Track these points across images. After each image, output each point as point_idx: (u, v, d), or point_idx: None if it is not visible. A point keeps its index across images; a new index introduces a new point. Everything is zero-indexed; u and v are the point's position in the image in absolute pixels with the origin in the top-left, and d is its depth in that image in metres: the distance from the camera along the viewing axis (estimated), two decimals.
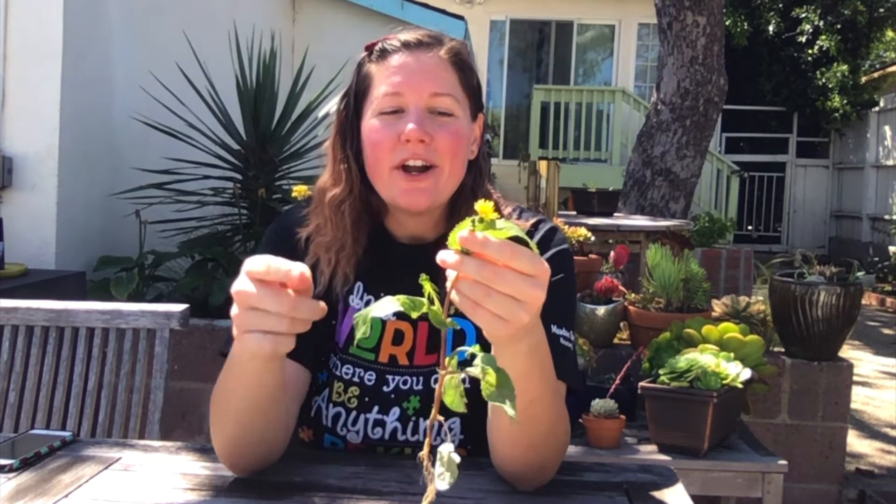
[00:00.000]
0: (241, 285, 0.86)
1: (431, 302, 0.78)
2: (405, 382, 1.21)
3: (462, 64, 1.21)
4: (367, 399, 1.20)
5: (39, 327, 1.62)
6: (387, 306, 0.78)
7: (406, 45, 1.19)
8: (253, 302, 0.85)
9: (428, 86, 1.16)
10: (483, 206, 0.76)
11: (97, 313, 1.61)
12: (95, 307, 1.63)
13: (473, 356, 0.76)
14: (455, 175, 1.19)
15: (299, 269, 0.85)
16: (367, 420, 1.20)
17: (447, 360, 0.75)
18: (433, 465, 0.75)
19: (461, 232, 0.75)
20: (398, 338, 1.22)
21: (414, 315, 0.75)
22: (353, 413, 1.20)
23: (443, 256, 0.76)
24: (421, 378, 1.21)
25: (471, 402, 0.77)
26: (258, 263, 0.85)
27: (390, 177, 1.16)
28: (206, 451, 1.16)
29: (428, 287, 0.79)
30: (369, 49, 1.22)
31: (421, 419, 1.20)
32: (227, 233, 3.68)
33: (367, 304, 1.23)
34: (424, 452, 0.76)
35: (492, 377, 0.73)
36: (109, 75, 3.74)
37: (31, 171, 3.28)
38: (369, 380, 1.21)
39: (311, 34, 6.45)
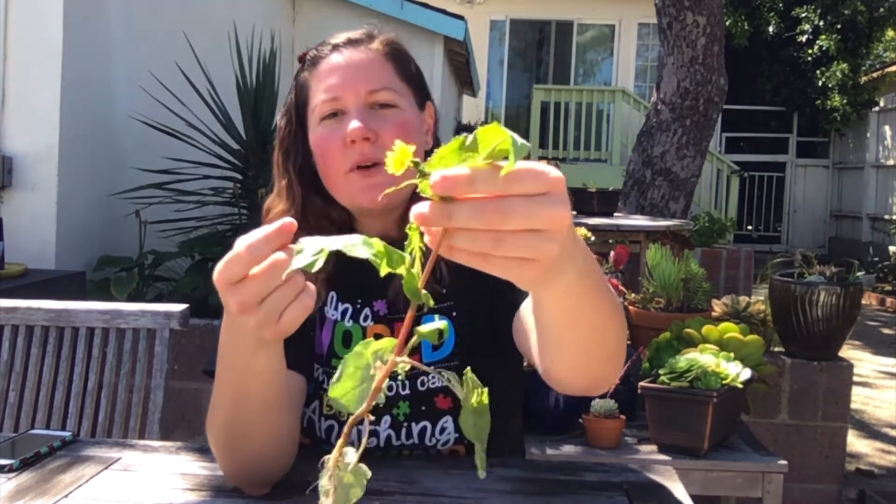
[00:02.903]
0: (245, 291, 0.76)
1: (410, 264, 0.60)
2: (390, 389, 1.19)
3: (396, 54, 1.19)
4: None
5: (39, 327, 1.62)
6: (358, 248, 0.61)
7: (335, 47, 1.18)
8: (264, 290, 0.76)
9: (363, 83, 1.14)
10: (447, 145, 0.57)
11: (97, 313, 1.61)
12: (95, 307, 1.63)
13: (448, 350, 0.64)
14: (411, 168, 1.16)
15: (277, 228, 0.75)
16: (359, 431, 1.19)
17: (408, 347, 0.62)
18: (332, 476, 0.61)
19: (434, 175, 0.57)
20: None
21: (383, 270, 0.60)
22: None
23: (418, 210, 0.59)
24: (406, 382, 1.19)
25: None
26: (240, 258, 0.75)
27: (345, 180, 1.13)
28: (206, 451, 1.16)
29: (416, 239, 0.60)
30: (302, 59, 1.21)
31: (413, 423, 1.18)
32: (227, 233, 3.68)
33: (344, 313, 1.21)
34: (332, 456, 0.61)
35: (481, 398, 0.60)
36: (109, 75, 3.74)
37: (31, 171, 3.28)
38: None
39: (311, 34, 6.44)
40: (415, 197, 1.19)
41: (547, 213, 0.58)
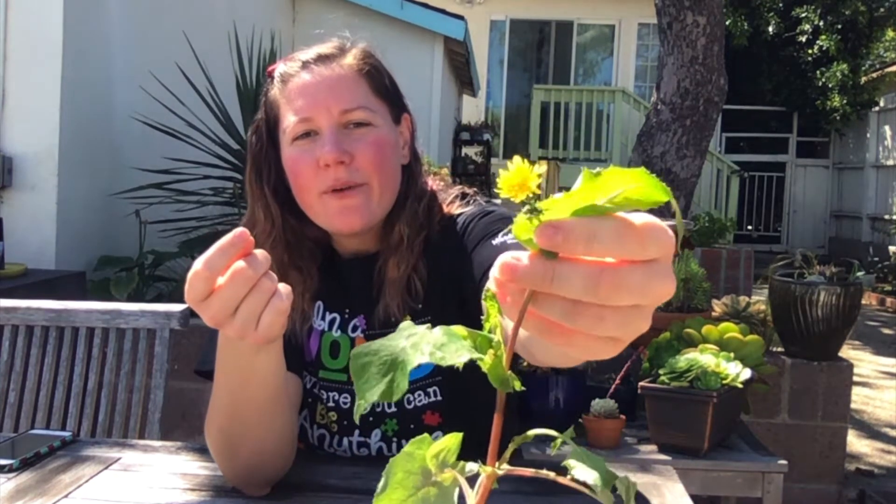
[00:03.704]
0: (213, 306, 0.76)
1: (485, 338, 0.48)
2: (377, 405, 1.16)
3: (369, 69, 1.15)
4: (345, 423, 1.19)
5: (39, 327, 1.62)
6: (451, 354, 0.46)
7: (305, 65, 1.13)
8: (232, 302, 0.77)
9: (335, 104, 1.10)
10: (518, 169, 0.44)
11: (97, 313, 1.61)
12: (95, 307, 1.63)
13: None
14: (389, 186, 1.13)
15: (230, 239, 0.77)
16: (350, 442, 1.19)
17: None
18: None
19: (544, 226, 0.43)
20: None
21: (485, 362, 0.47)
22: (337, 436, 1.19)
23: (507, 262, 0.44)
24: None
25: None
26: (199, 274, 0.77)
27: (320, 202, 1.10)
28: (206, 451, 1.16)
29: (495, 314, 0.47)
30: (271, 74, 1.17)
31: (403, 440, 1.16)
32: (227, 233, 3.68)
33: (332, 322, 1.21)
34: None
35: None
36: (109, 75, 3.74)
37: (31, 171, 3.28)
38: (344, 403, 1.18)
39: (311, 34, 6.44)
40: (393, 212, 1.15)
41: (659, 289, 0.45)
